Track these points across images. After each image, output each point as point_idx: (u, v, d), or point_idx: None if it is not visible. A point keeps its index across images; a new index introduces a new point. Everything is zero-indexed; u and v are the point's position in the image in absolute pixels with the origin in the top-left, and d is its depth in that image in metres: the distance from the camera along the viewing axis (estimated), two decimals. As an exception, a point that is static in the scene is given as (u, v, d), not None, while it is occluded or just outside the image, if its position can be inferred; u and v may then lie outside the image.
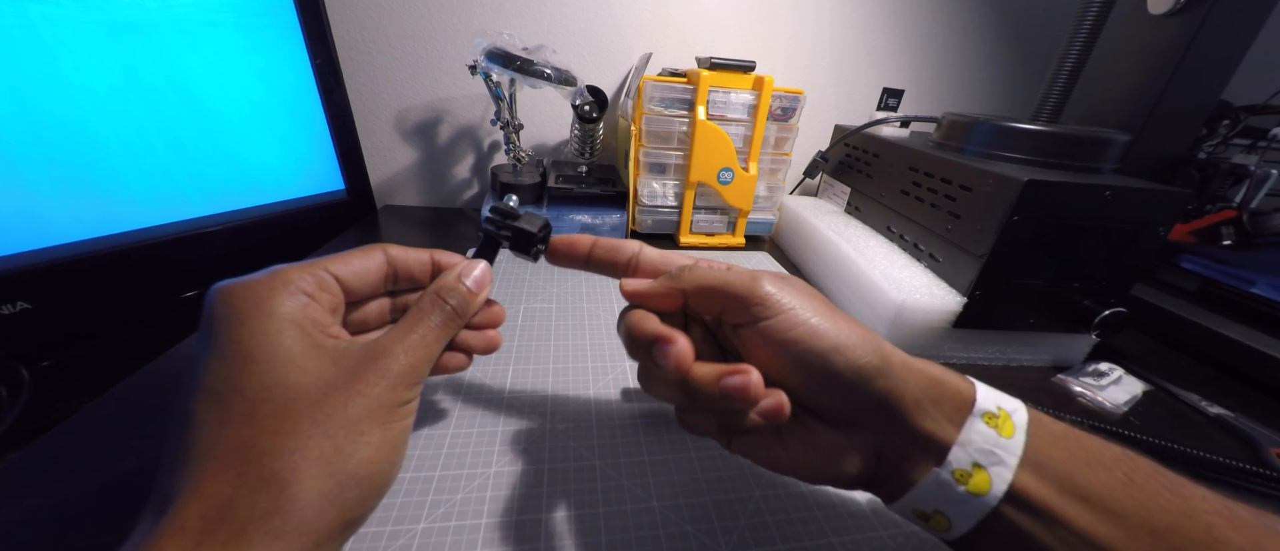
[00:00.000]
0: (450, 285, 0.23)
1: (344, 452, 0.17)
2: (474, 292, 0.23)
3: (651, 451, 0.29)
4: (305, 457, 0.16)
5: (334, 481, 0.17)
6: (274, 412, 0.17)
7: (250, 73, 0.49)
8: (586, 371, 0.36)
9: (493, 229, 0.26)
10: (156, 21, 0.42)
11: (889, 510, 0.21)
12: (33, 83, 0.36)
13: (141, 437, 0.28)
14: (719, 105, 0.56)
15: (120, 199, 0.42)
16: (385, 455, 0.18)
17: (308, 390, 0.17)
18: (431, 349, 0.21)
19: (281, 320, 0.18)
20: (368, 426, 0.18)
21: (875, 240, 0.53)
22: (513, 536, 0.24)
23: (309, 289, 0.20)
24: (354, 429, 0.18)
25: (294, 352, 0.18)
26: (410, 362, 0.20)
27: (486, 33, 0.51)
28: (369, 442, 0.18)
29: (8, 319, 0.36)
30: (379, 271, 0.23)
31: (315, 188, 0.57)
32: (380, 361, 0.19)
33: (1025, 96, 0.84)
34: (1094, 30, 0.46)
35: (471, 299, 0.23)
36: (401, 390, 0.19)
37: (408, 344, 0.20)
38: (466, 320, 0.23)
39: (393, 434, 0.19)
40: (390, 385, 0.19)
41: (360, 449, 0.18)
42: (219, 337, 0.18)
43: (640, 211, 0.61)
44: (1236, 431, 0.36)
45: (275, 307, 0.18)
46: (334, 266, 0.21)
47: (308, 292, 0.20)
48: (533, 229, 0.26)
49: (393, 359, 0.19)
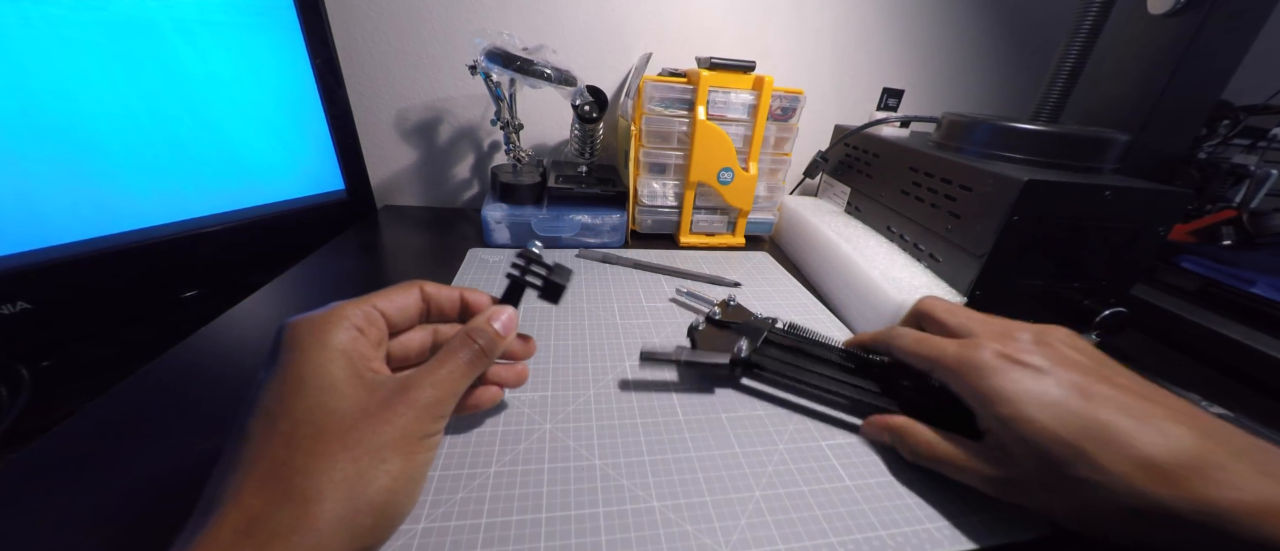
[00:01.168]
0: (480, 327, 0.24)
1: (365, 477, 0.18)
2: (501, 335, 0.25)
3: (651, 451, 0.29)
4: (330, 479, 0.17)
5: (351, 506, 0.17)
6: (312, 434, 0.18)
7: (250, 73, 0.49)
8: (586, 371, 0.36)
9: (518, 275, 0.28)
10: (156, 21, 0.42)
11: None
12: (33, 82, 0.36)
13: (141, 438, 0.28)
14: (719, 105, 0.56)
15: (120, 199, 0.42)
16: (402, 485, 0.19)
17: (344, 415, 0.19)
18: (458, 384, 0.22)
19: (334, 350, 0.20)
20: (390, 454, 0.19)
21: (875, 240, 0.53)
22: (512, 536, 0.24)
23: (360, 323, 0.22)
24: (377, 455, 0.18)
25: (338, 380, 0.19)
26: (437, 396, 0.21)
27: (486, 33, 0.51)
28: (389, 471, 0.18)
29: (8, 319, 0.36)
30: (416, 306, 0.25)
31: (315, 187, 0.57)
32: (409, 393, 0.20)
33: (1025, 96, 0.84)
34: (1094, 30, 0.46)
35: (498, 340, 0.24)
36: (427, 422, 0.20)
37: (436, 378, 0.21)
38: (492, 359, 0.24)
39: (413, 465, 0.19)
40: (416, 416, 0.20)
41: (380, 476, 0.18)
42: (281, 363, 0.19)
43: (640, 211, 0.61)
44: (1236, 431, 0.36)
45: (330, 338, 0.20)
46: (380, 302, 0.23)
47: (358, 327, 0.21)
48: (564, 283, 0.28)
49: (421, 391, 0.20)
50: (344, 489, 0.17)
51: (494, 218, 0.56)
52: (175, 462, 0.26)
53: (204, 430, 0.29)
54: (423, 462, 0.20)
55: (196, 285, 0.48)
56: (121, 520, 0.23)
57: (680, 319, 0.44)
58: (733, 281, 0.52)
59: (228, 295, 0.42)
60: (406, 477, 0.19)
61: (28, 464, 0.26)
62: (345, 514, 0.17)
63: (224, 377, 0.33)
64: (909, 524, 0.26)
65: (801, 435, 0.31)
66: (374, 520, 0.18)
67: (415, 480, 0.20)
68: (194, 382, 0.33)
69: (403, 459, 0.19)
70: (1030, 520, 0.26)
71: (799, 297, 0.50)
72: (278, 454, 0.17)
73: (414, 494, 0.20)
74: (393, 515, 0.19)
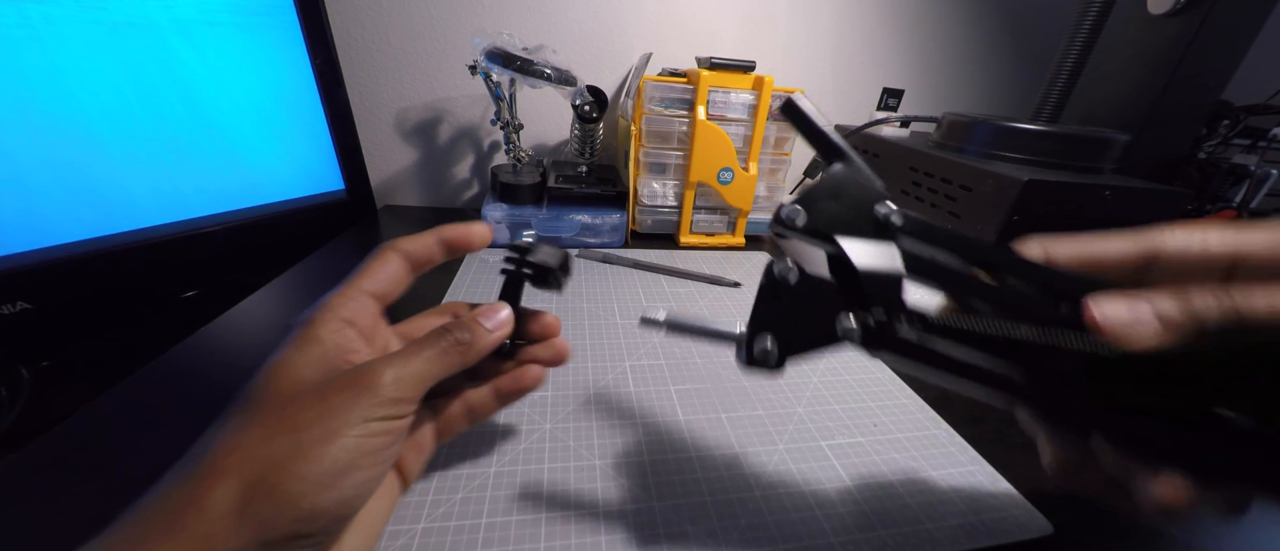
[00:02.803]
0: (465, 320, 0.23)
1: (273, 459, 0.16)
2: (488, 331, 0.23)
3: (652, 451, 0.29)
4: (236, 459, 0.16)
5: (247, 489, 0.16)
6: (247, 413, 0.18)
7: (250, 72, 0.49)
8: (586, 371, 0.36)
9: (513, 269, 0.26)
10: (156, 21, 0.42)
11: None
12: (33, 83, 0.36)
13: (141, 438, 0.28)
14: (719, 105, 0.56)
15: (120, 199, 0.42)
16: (313, 470, 0.16)
17: (282, 392, 0.18)
18: (423, 371, 0.20)
19: (313, 341, 0.19)
20: (316, 434, 0.17)
21: (875, 240, 0.53)
22: (512, 536, 0.24)
23: (348, 314, 0.21)
24: (299, 432, 0.16)
25: (297, 363, 0.19)
26: (395, 378, 0.19)
27: (486, 33, 0.51)
28: (307, 453, 0.16)
29: (8, 319, 0.36)
30: (399, 268, 0.24)
31: (315, 187, 0.57)
32: (359, 374, 0.19)
33: (1025, 96, 0.84)
34: (1094, 30, 0.46)
35: (484, 335, 0.22)
36: (370, 405, 0.18)
37: (398, 363, 0.19)
38: (474, 354, 0.22)
39: (342, 448, 0.17)
40: (355, 396, 0.18)
41: (294, 458, 0.16)
42: (275, 355, 0.19)
43: (640, 211, 0.61)
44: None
45: (319, 333, 0.20)
46: (365, 283, 0.22)
47: (346, 319, 0.21)
48: (553, 264, 0.25)
49: (377, 374, 0.19)
50: (246, 466, 0.16)
51: (494, 217, 0.56)
52: (175, 462, 0.26)
53: (204, 430, 0.29)
54: (353, 448, 0.17)
55: (196, 285, 0.48)
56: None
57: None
58: (733, 281, 0.52)
59: (228, 295, 0.42)
60: (321, 460, 0.16)
61: (28, 464, 0.26)
62: (238, 493, 0.15)
63: (224, 378, 0.33)
64: (909, 523, 0.26)
65: (801, 435, 0.31)
66: (275, 507, 0.16)
67: (337, 469, 0.17)
68: (194, 382, 0.33)
69: (326, 442, 0.17)
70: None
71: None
72: (208, 438, 0.17)
73: (336, 486, 0.17)
74: (302, 507, 0.16)
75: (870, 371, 0.38)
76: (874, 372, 0.38)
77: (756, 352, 0.20)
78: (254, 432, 0.17)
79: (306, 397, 0.18)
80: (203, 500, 0.15)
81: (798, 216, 0.20)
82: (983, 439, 0.32)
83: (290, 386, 0.18)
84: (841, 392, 0.35)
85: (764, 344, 0.20)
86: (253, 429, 0.17)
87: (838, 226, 0.20)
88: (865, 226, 0.20)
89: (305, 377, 0.18)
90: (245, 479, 0.16)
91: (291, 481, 0.16)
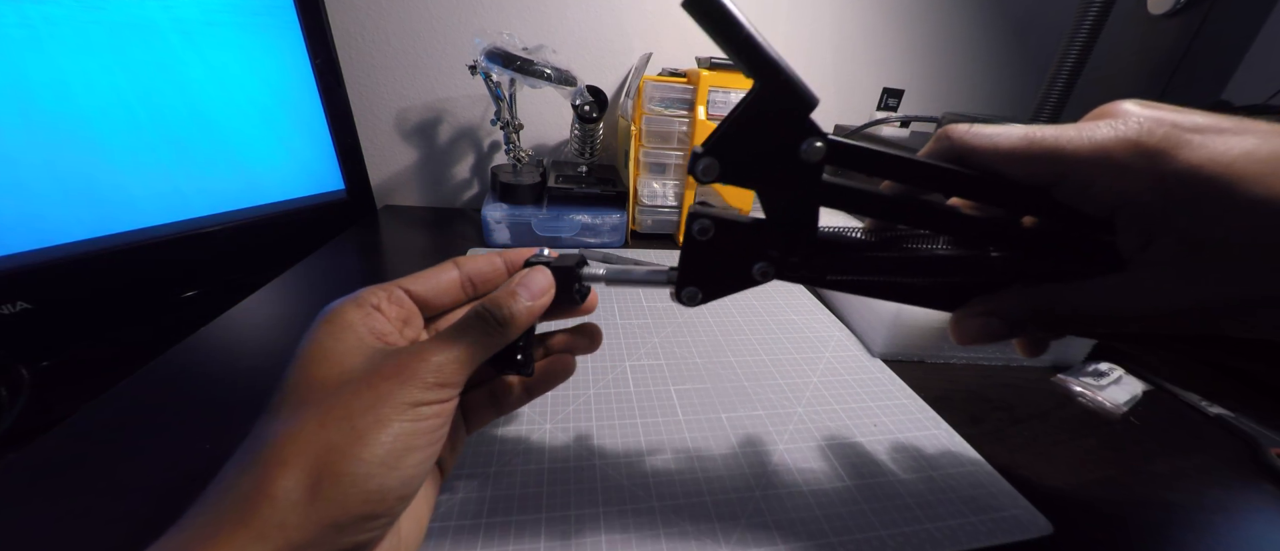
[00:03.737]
0: (500, 297, 0.22)
1: (334, 445, 0.16)
2: (523, 300, 0.22)
3: (651, 451, 0.29)
4: (297, 447, 0.16)
5: (312, 472, 0.16)
6: (294, 402, 0.18)
7: (250, 72, 0.49)
8: (586, 371, 0.36)
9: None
10: (156, 21, 0.42)
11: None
12: (33, 83, 0.36)
13: (141, 438, 0.28)
14: (719, 105, 0.56)
15: (120, 199, 0.42)
16: (375, 453, 0.17)
17: (328, 381, 0.18)
18: (466, 354, 0.20)
19: (345, 327, 0.19)
20: (369, 420, 0.17)
21: (875, 240, 0.53)
22: (513, 536, 0.24)
23: (377, 302, 0.21)
24: (352, 419, 0.17)
25: (334, 351, 0.19)
26: (440, 361, 0.19)
27: (486, 33, 0.51)
28: (364, 437, 0.17)
29: (8, 319, 0.36)
30: (451, 282, 0.24)
31: (315, 187, 0.57)
32: (404, 359, 0.19)
33: (1025, 96, 0.84)
34: (1094, 30, 0.46)
35: (511, 302, 0.21)
36: (417, 389, 0.18)
37: (439, 346, 0.19)
38: (515, 327, 0.21)
39: (396, 433, 0.17)
40: (403, 380, 0.18)
41: (352, 443, 0.17)
42: (303, 344, 0.19)
43: (640, 211, 0.61)
44: (1237, 431, 0.36)
45: (346, 317, 0.20)
46: (408, 282, 0.23)
47: (375, 305, 0.21)
48: (572, 266, 0.23)
49: (421, 359, 0.19)
50: (308, 453, 0.16)
51: (494, 217, 0.56)
52: (175, 462, 0.26)
53: (204, 430, 0.29)
54: (407, 431, 0.18)
55: (196, 285, 0.48)
56: (122, 519, 0.23)
57: (680, 318, 0.44)
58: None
59: (228, 295, 0.42)
60: (379, 444, 0.17)
61: (28, 464, 0.26)
62: (306, 480, 0.16)
63: (224, 378, 0.33)
64: (909, 524, 0.26)
65: (801, 435, 0.31)
66: (340, 491, 0.16)
67: (398, 452, 0.17)
68: (194, 382, 0.33)
69: (382, 427, 0.17)
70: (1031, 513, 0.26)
71: (799, 298, 0.50)
72: (262, 430, 0.17)
73: (398, 467, 0.17)
74: (369, 489, 0.17)
75: (870, 371, 0.38)
76: (874, 373, 0.38)
77: (684, 296, 0.23)
78: (309, 422, 0.17)
79: (355, 385, 0.18)
80: (271, 488, 0.15)
81: (712, 169, 0.20)
82: (983, 439, 0.32)
83: (334, 374, 0.18)
84: (841, 392, 0.35)
85: (690, 289, 0.23)
86: (307, 418, 0.17)
87: (751, 175, 0.20)
88: (786, 166, 0.20)
89: (348, 365, 0.18)
90: (310, 465, 0.16)
91: (355, 464, 0.16)
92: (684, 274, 0.23)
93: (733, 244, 0.22)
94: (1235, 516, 0.29)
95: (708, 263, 0.23)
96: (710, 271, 0.23)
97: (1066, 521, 0.26)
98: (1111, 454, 0.33)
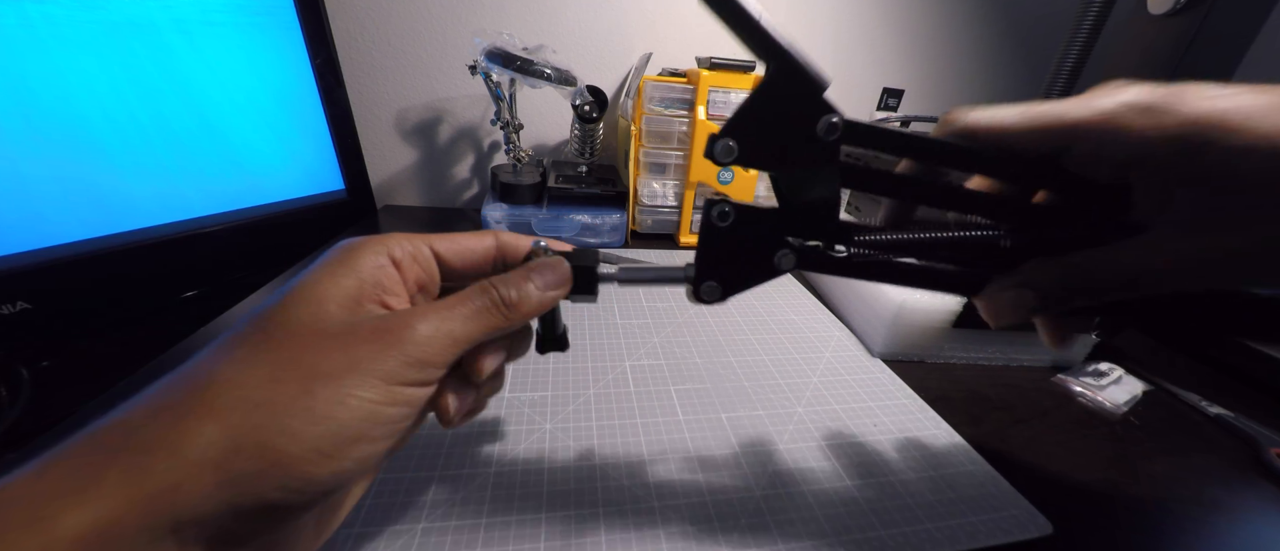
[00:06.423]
0: (511, 277, 0.20)
1: (275, 408, 0.14)
2: (535, 289, 0.20)
3: (651, 451, 0.29)
4: (231, 399, 0.14)
5: (233, 439, 0.13)
6: (258, 341, 0.15)
7: (250, 72, 0.49)
8: (586, 371, 0.36)
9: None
10: (156, 21, 0.42)
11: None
12: (32, 82, 0.36)
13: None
14: (719, 105, 0.56)
15: (120, 199, 0.42)
16: (316, 433, 0.14)
17: (303, 328, 0.16)
18: (459, 332, 0.18)
19: (350, 271, 0.17)
20: (328, 392, 0.15)
21: (875, 240, 0.53)
22: (512, 536, 0.24)
23: (397, 256, 0.19)
24: (309, 382, 0.14)
25: (329, 295, 0.17)
26: (428, 333, 0.16)
27: (486, 33, 0.51)
28: (312, 411, 0.14)
29: (8, 319, 0.36)
30: (484, 251, 0.21)
31: (315, 187, 0.57)
32: (389, 323, 0.16)
33: (1025, 96, 0.84)
34: (1094, 30, 0.46)
35: (527, 290, 0.19)
36: (396, 363, 0.16)
37: (429, 315, 0.17)
38: (519, 316, 0.19)
39: (353, 413, 0.15)
40: (382, 347, 0.16)
41: (296, 413, 0.14)
42: (300, 275, 0.17)
43: (640, 211, 0.61)
44: (1236, 431, 0.36)
45: (357, 259, 0.18)
46: (438, 242, 0.20)
47: (396, 259, 0.19)
48: (592, 264, 0.22)
49: (407, 326, 0.16)
50: (241, 410, 0.14)
51: (494, 218, 0.56)
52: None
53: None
54: (365, 415, 0.15)
55: (196, 285, 0.48)
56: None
57: (680, 319, 0.44)
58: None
59: (228, 295, 0.42)
60: (326, 423, 0.14)
61: (28, 464, 0.26)
62: (224, 442, 0.13)
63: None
64: (909, 524, 0.26)
65: (801, 435, 0.31)
66: (257, 466, 0.13)
67: (344, 438, 0.15)
68: (194, 382, 0.33)
69: (337, 401, 0.15)
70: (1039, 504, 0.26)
71: (799, 298, 0.50)
72: (205, 362, 0.15)
73: (337, 457, 0.15)
74: (286, 468, 0.14)
75: (870, 371, 0.38)
76: (874, 372, 0.38)
77: (702, 291, 0.22)
78: (259, 371, 0.14)
79: (326, 343, 0.15)
80: (179, 441, 0.13)
81: (731, 150, 0.19)
82: (983, 439, 0.32)
83: (311, 321, 0.16)
84: (842, 392, 0.35)
85: (709, 284, 0.22)
86: (258, 366, 0.15)
87: (769, 156, 0.20)
88: (803, 146, 0.20)
89: (330, 315, 0.16)
90: (235, 426, 0.13)
91: (288, 441, 0.14)
92: (702, 268, 0.22)
93: (753, 231, 0.21)
94: (1235, 516, 0.29)
95: (727, 253, 0.22)
96: (729, 263, 0.22)
97: (1066, 521, 0.26)
98: (1111, 454, 0.33)
